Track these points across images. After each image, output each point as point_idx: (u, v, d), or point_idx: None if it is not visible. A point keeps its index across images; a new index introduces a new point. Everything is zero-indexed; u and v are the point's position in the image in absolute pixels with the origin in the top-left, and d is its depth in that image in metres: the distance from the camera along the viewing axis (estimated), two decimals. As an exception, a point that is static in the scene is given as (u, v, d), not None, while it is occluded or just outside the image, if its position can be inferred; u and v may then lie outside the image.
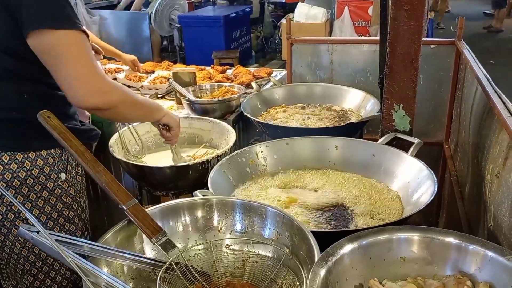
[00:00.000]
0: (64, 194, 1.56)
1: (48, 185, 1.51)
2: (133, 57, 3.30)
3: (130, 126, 2.09)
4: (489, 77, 1.85)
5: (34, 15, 1.32)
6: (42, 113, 1.35)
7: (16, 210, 1.51)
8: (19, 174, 1.46)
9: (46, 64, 1.38)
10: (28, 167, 1.48)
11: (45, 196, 1.52)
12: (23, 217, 1.51)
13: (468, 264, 1.11)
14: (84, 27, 1.42)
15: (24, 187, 1.48)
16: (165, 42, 7.42)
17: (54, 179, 1.52)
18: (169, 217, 1.36)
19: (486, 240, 1.12)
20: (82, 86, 1.35)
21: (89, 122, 2.19)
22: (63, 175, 1.55)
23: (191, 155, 2.12)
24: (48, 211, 1.53)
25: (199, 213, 1.38)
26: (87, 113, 2.19)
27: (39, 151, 1.49)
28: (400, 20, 1.72)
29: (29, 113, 1.42)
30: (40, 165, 1.49)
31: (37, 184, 1.50)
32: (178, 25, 6.94)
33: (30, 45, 1.35)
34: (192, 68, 3.08)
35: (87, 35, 1.41)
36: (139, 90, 2.94)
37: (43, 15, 1.32)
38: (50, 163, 1.51)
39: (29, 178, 1.48)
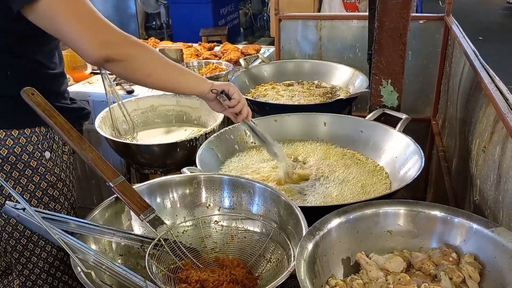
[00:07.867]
0: (49, 173, 1.54)
1: (31, 163, 1.50)
2: None
3: (120, 102, 2.06)
4: (477, 52, 1.85)
5: None
6: (25, 90, 1.32)
7: (4, 188, 1.49)
8: (0, 151, 1.45)
9: (52, 32, 1.30)
10: (10, 145, 1.45)
11: (28, 174, 1.50)
12: (9, 195, 1.49)
13: (454, 237, 1.12)
14: None
15: (6, 164, 1.46)
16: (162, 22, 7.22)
17: (37, 157, 1.50)
18: (157, 194, 1.36)
19: (471, 213, 1.13)
20: (87, 39, 1.27)
21: None
22: (47, 154, 1.53)
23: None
24: (31, 189, 1.52)
25: (187, 190, 1.38)
26: None
27: (22, 129, 1.47)
28: (388, -6, 1.70)
29: (13, 90, 1.38)
30: (23, 143, 1.47)
31: (19, 162, 1.48)
32: (165, 2, 6.82)
33: (32, 21, 1.28)
34: (179, 44, 3.04)
35: None
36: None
37: None
38: (34, 142, 1.49)
39: (11, 156, 1.46)
